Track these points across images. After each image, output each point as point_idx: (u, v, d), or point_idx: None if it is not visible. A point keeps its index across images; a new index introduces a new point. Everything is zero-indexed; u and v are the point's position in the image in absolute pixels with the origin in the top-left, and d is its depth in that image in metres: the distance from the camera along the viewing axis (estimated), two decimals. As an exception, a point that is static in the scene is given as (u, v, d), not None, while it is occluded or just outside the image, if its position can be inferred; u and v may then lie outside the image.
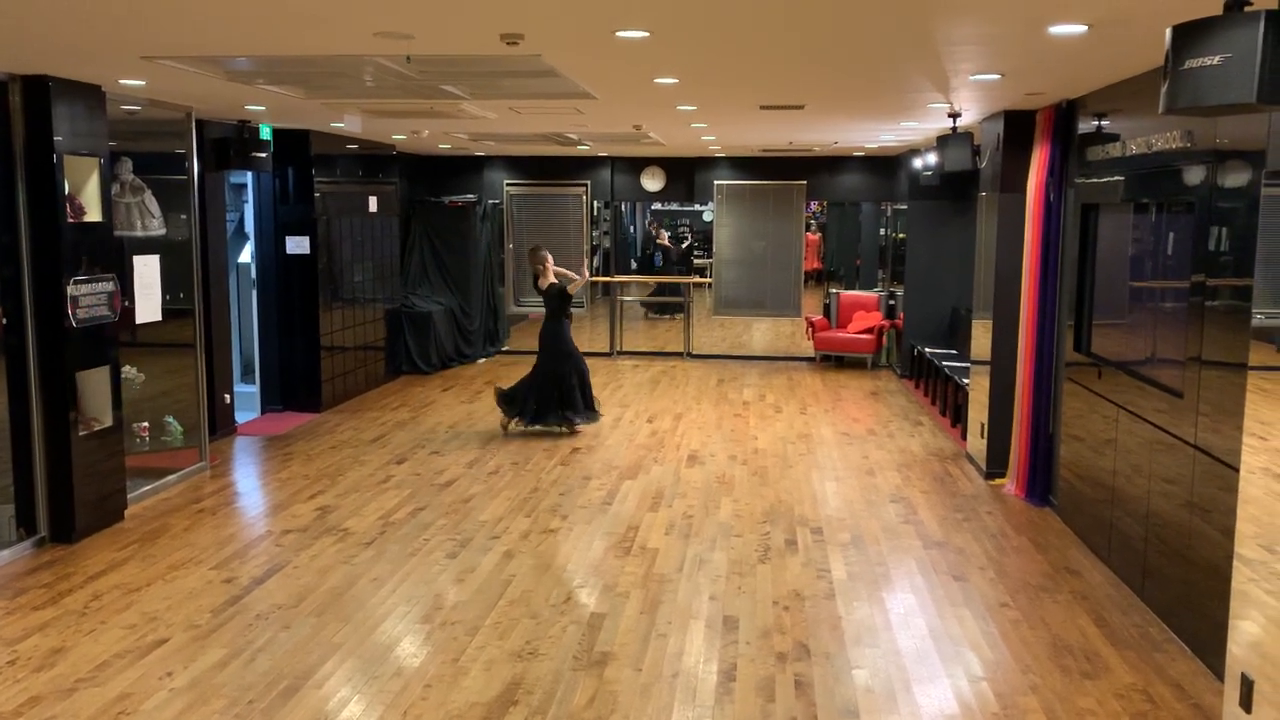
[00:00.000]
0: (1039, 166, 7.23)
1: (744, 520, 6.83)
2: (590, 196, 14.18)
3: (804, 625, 5.13)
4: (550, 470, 8.10)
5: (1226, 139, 4.60)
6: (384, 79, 6.22)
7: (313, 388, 10.30)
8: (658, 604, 5.40)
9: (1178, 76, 3.20)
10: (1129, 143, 5.80)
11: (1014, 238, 7.60)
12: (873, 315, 13.40)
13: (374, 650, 4.84)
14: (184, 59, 5.57)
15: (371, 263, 11.60)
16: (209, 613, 5.25)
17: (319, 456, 8.54)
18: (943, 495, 7.46)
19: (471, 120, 8.71)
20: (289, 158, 10.02)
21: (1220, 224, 4.64)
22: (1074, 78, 5.99)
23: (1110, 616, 5.26)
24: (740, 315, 14.75)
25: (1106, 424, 6.04)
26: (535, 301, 14.49)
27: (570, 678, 4.56)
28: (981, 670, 4.66)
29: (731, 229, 14.16)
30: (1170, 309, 5.36)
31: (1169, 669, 4.67)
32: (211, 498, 7.40)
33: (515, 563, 6.01)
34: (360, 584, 5.67)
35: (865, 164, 13.65)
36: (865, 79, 6.19)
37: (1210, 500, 4.64)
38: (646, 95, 7.01)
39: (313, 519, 6.82)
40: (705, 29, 4.59)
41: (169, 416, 7.97)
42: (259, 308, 10.30)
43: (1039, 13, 4.14)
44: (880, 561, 6.07)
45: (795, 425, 9.83)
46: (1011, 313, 7.62)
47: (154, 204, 7.55)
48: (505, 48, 4.93)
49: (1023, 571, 5.92)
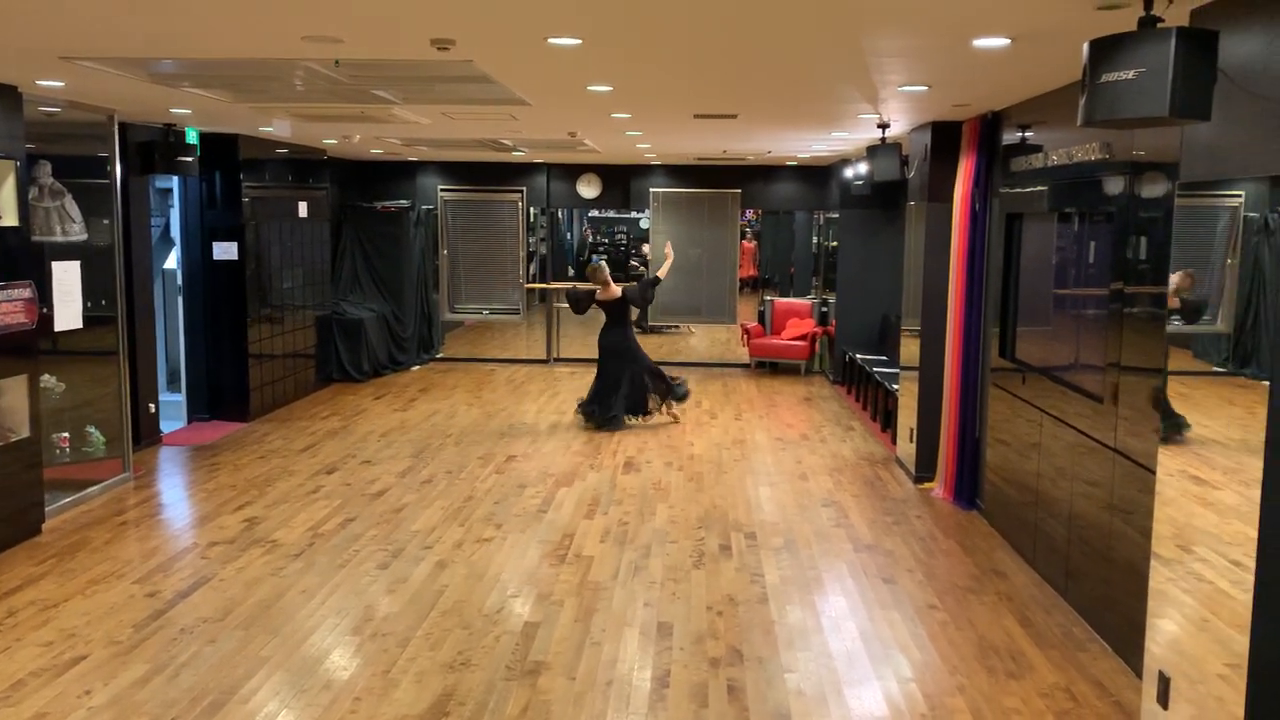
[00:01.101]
0: (965, 176, 7.38)
1: (679, 526, 6.86)
2: (526, 203, 14.13)
3: (737, 630, 5.16)
4: (485, 479, 8.04)
5: (1143, 150, 4.75)
6: (314, 83, 6.13)
7: (240, 396, 10.10)
8: (592, 612, 5.39)
9: (1095, 90, 3.30)
10: (1051, 154, 5.95)
11: (941, 246, 7.74)
12: (806, 322, 13.55)
13: (302, 663, 4.75)
14: (105, 60, 5.43)
15: (301, 269, 11.42)
16: (131, 628, 5.12)
17: (247, 467, 8.37)
18: (873, 499, 7.56)
19: (404, 125, 8.63)
20: (217, 162, 9.83)
21: (1138, 233, 4.78)
22: (998, 90, 6.13)
23: (1035, 617, 5.38)
24: (676, 322, 14.81)
25: (1031, 428, 6.18)
26: (470, 308, 14.47)
27: (503, 688, 4.53)
28: (910, 672, 4.73)
29: (667, 236, 14.19)
30: (1091, 316, 5.50)
31: (1091, 668, 4.79)
32: (135, 510, 7.21)
33: (448, 573, 5.95)
34: (289, 596, 5.57)
35: (798, 173, 13.81)
36: (796, 89, 6.27)
37: (1130, 502, 4.77)
38: (581, 102, 7.02)
39: (240, 530, 6.68)
40: (637, 37, 4.61)
41: (91, 426, 7.76)
42: (185, 315, 10.07)
43: (963, 26, 4.22)
44: (812, 565, 6.13)
45: (730, 431, 9.89)
46: (939, 320, 7.76)
47: (74, 208, 7.35)
48: (436, 53, 4.90)
49: (950, 573, 6.02)
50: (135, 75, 5.94)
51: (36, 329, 6.64)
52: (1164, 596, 3.83)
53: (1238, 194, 3.59)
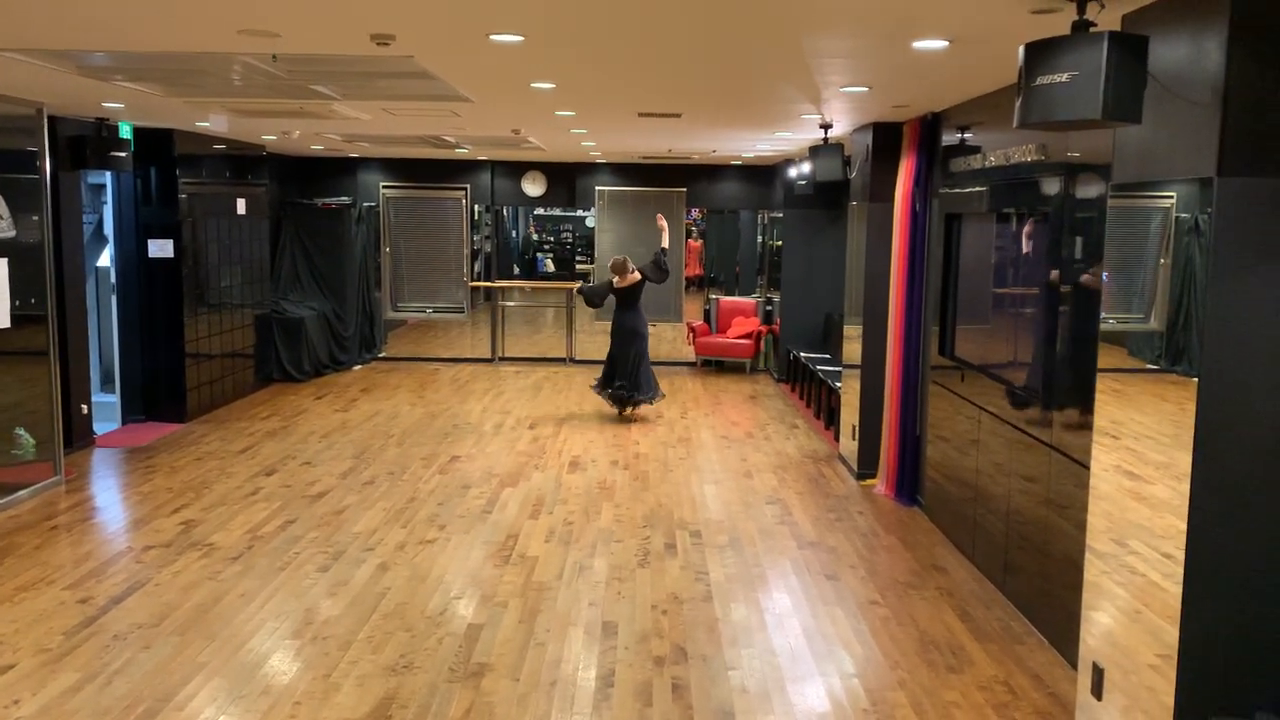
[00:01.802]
0: (906, 177, 7.46)
1: (624, 525, 6.85)
2: (470, 200, 14.03)
3: (682, 628, 5.17)
4: (428, 479, 7.96)
5: (1077, 152, 4.84)
6: (251, 78, 6.02)
7: (177, 397, 9.89)
8: (537, 612, 5.36)
9: (1030, 92, 3.35)
10: (989, 155, 6.04)
11: (882, 246, 7.82)
12: (751, 321, 13.62)
13: (241, 668, 4.67)
14: (31, 52, 5.28)
15: (240, 266, 11.21)
16: (61, 635, 4.98)
17: (183, 469, 8.20)
18: (817, 496, 7.62)
19: (344, 121, 8.51)
20: (151, 157, 9.62)
21: (1073, 233, 4.87)
22: (938, 91, 6.21)
23: (974, 611, 5.46)
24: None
25: (970, 425, 6.27)
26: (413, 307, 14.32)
27: (446, 690, 4.48)
28: (853, 667, 4.77)
29: (614, 234, 14.20)
30: (1028, 314, 5.59)
31: (1028, 660, 4.87)
32: (66, 514, 7.03)
33: (390, 575, 5.88)
34: (227, 600, 5.46)
35: (743, 172, 13.88)
36: (739, 89, 6.29)
37: (1066, 497, 4.86)
38: (524, 100, 6.97)
39: (176, 534, 6.54)
40: (579, 35, 4.59)
41: (19, 429, 7.54)
42: (119, 314, 9.84)
43: (902, 28, 4.27)
44: (757, 563, 6.16)
45: (676, 429, 9.91)
46: (880, 318, 7.85)
47: (2, 205, 7.14)
48: (376, 48, 4.84)
49: (892, 569, 6.09)
50: (63, 68, 5.79)
51: (-39, 328, 6.44)
52: (1098, 589, 3.91)
53: (1169, 195, 3.68)
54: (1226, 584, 3.29)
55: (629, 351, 10.30)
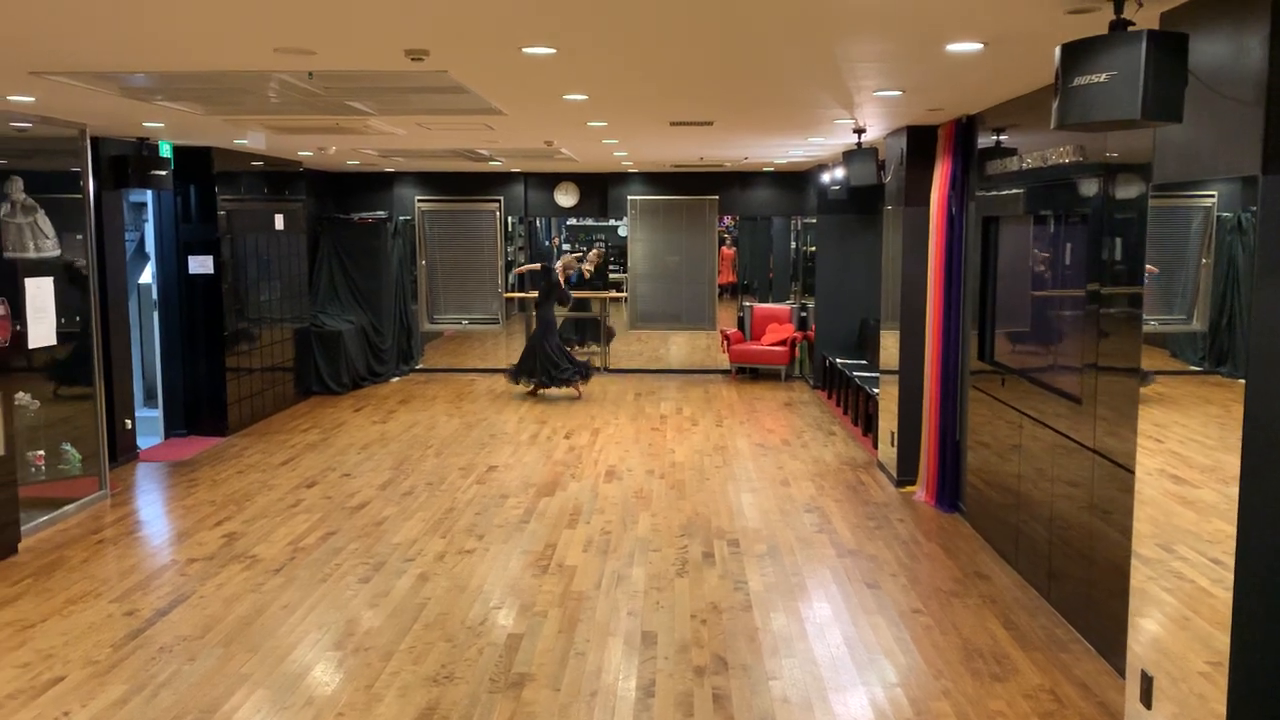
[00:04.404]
0: (941, 180, 7.41)
1: (662, 534, 6.84)
2: (504, 212, 14.11)
3: (721, 638, 5.15)
4: (466, 489, 8.00)
5: (1116, 153, 4.78)
6: (288, 95, 6.10)
7: (218, 411, 10.02)
8: (576, 622, 5.36)
9: (1068, 93, 3.32)
10: (1026, 157, 5.98)
11: (918, 250, 7.77)
12: (785, 327, 13.57)
13: (284, 680, 4.71)
14: (76, 75, 5.38)
15: (279, 281, 11.35)
16: (109, 647, 5.05)
17: (225, 482, 8.30)
18: (855, 504, 7.57)
19: (379, 136, 8.60)
20: (191, 175, 9.77)
21: (1113, 234, 4.81)
22: (972, 94, 6.16)
23: (1018, 619, 5.39)
24: (656, 329, 14.82)
25: (1011, 430, 6.21)
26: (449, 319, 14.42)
27: (487, 700, 4.50)
28: (895, 677, 4.72)
29: (646, 244, 14.22)
30: (1068, 317, 5.53)
31: (1075, 669, 4.80)
32: (112, 527, 7.13)
33: (430, 585, 5.91)
34: (269, 612, 5.52)
35: (775, 179, 13.84)
36: (772, 96, 6.28)
37: (1110, 502, 4.79)
38: (557, 111, 7.01)
39: (219, 546, 6.62)
40: (611, 46, 4.61)
41: (66, 444, 7.67)
42: (162, 329, 9.99)
43: (936, 31, 4.24)
44: (796, 571, 6.13)
45: (712, 438, 9.88)
46: (917, 323, 7.79)
47: (47, 224, 7.28)
48: (410, 64, 4.88)
49: (934, 577, 6.03)
50: (107, 89, 5.89)
51: (10, 346, 6.56)
52: (1145, 596, 3.85)
53: (1211, 194, 3.62)
54: (1278, 589, 3.23)
55: (553, 341, 11.89)
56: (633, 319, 14.47)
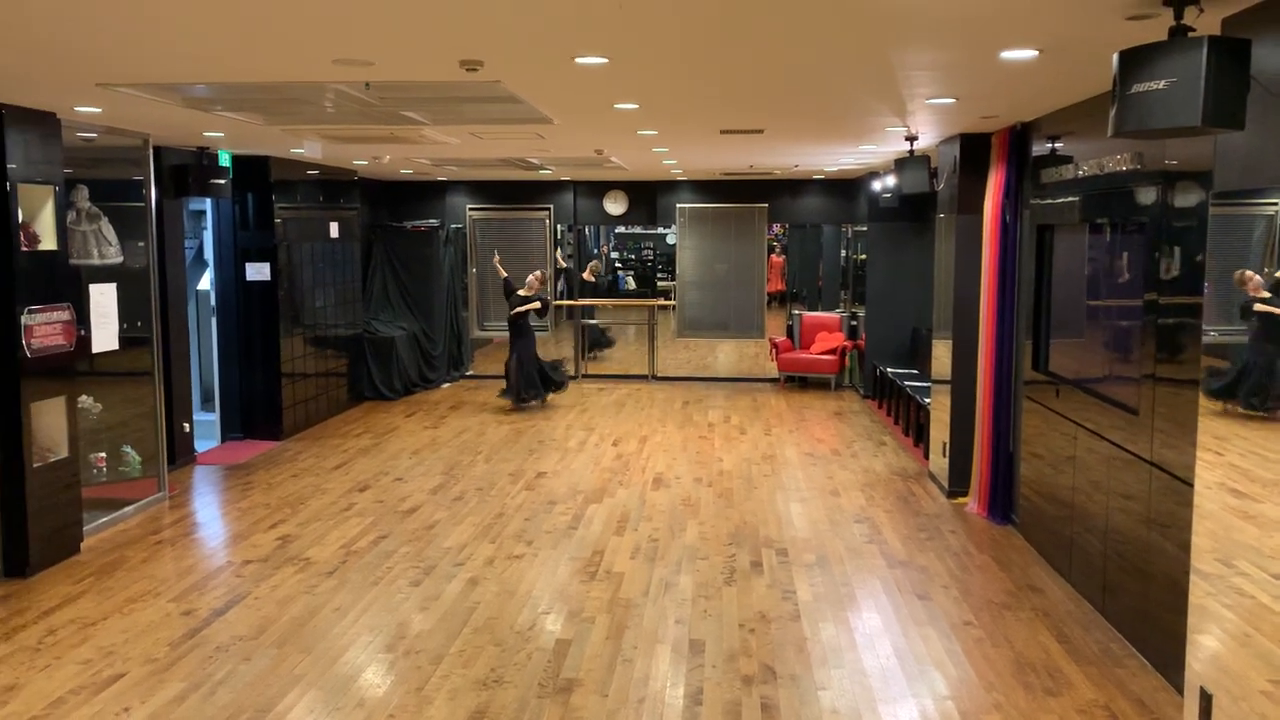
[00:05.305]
0: (995, 188, 7.34)
1: (710, 543, 6.83)
2: (553, 220, 14.20)
3: (770, 647, 5.13)
4: (515, 495, 8.06)
5: (1175, 160, 4.70)
6: (344, 105, 6.20)
7: (273, 415, 10.19)
8: (624, 629, 5.38)
9: (1125, 100, 3.28)
10: (1081, 164, 5.91)
11: (972, 258, 7.69)
12: (835, 336, 13.50)
13: (336, 681, 4.77)
14: (141, 86, 5.52)
15: (333, 288, 11.53)
16: (167, 646, 5.16)
17: (280, 485, 8.44)
18: (906, 515, 7.50)
19: (433, 145, 8.70)
20: (249, 184, 9.96)
21: (1171, 243, 4.73)
22: (1027, 101, 6.10)
23: (1072, 633, 5.31)
24: (704, 337, 14.81)
25: (1065, 441, 6.12)
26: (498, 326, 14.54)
27: (536, 705, 4.52)
28: (946, 689, 4.68)
29: (694, 251, 14.23)
30: (1125, 327, 5.44)
31: (1130, 685, 4.72)
32: (170, 528, 7.28)
33: (480, 589, 5.96)
34: (322, 614, 5.60)
35: (825, 186, 13.79)
36: (823, 104, 6.26)
37: (1168, 515, 4.70)
38: (607, 120, 7.05)
39: (274, 549, 6.73)
40: (663, 55, 4.63)
41: (126, 446, 7.85)
42: (219, 335, 10.18)
43: (991, 38, 4.21)
44: (845, 582, 6.09)
45: (760, 446, 9.85)
46: (970, 332, 7.71)
47: (111, 231, 7.47)
48: (465, 74, 4.94)
49: (986, 589, 5.96)
50: (170, 100, 6.04)
51: (75, 351, 6.73)
52: (1204, 611, 3.77)
53: (1274, 202, 3.55)
54: (1344, 607, 3.15)
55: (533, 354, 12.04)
56: (680, 326, 14.47)
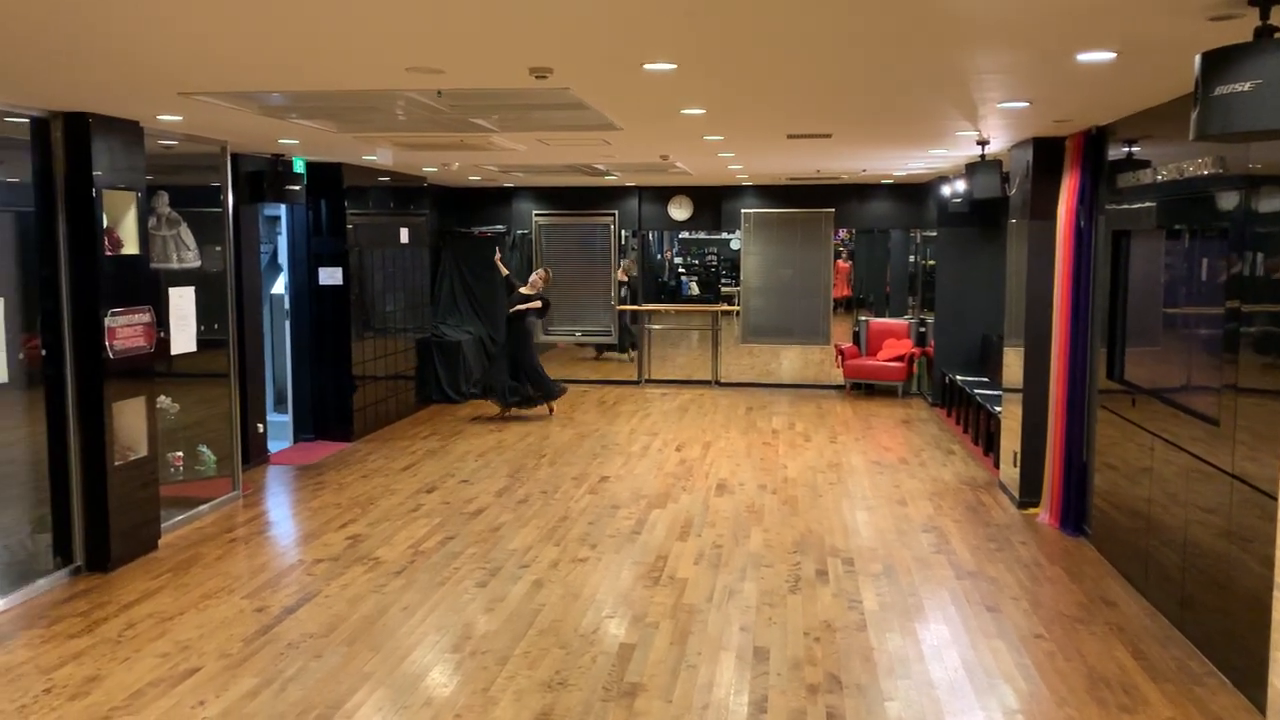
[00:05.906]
0: (1069, 193, 7.20)
1: (774, 550, 6.80)
2: (618, 225, 14.26)
3: (835, 656, 5.09)
4: (579, 499, 8.10)
5: (1259, 164, 4.57)
6: (415, 112, 6.30)
7: (344, 417, 10.38)
8: (687, 634, 5.37)
9: (1208, 103, 3.20)
10: (1160, 169, 5.77)
11: (1045, 265, 7.55)
12: (903, 343, 13.34)
13: (404, 680, 4.84)
14: (220, 95, 5.67)
15: (402, 293, 11.71)
16: (241, 641, 5.28)
17: (350, 485, 8.59)
18: (975, 525, 7.39)
19: (501, 152, 8.80)
20: (322, 190, 10.16)
21: (1254, 249, 4.60)
22: (1103, 104, 5.97)
23: (1148, 648, 5.18)
24: (768, 343, 14.74)
25: (1141, 452, 5.97)
26: (563, 331, 14.66)
27: (600, 709, 4.54)
28: (1016, 703, 4.59)
29: (759, 257, 14.17)
30: (1205, 335, 5.30)
31: (1210, 703, 4.59)
32: (244, 527, 7.45)
33: (545, 592, 6.00)
34: (390, 613, 5.68)
35: (893, 191, 13.64)
36: (892, 108, 6.20)
37: (1250, 530, 4.57)
38: (674, 126, 7.06)
39: (344, 548, 6.85)
40: (732, 61, 4.63)
41: (202, 446, 8.06)
42: (292, 338, 10.41)
43: (1067, 40, 4.13)
44: (912, 592, 6.01)
45: (825, 454, 9.78)
46: (1043, 340, 7.57)
47: (189, 236, 7.68)
48: (534, 81, 4.99)
49: (1057, 602, 5.84)
50: (247, 108, 6.19)
51: (154, 352, 6.93)
52: (1289, 629, 3.66)
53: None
54: None
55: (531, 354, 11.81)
56: (744, 332, 14.41)
